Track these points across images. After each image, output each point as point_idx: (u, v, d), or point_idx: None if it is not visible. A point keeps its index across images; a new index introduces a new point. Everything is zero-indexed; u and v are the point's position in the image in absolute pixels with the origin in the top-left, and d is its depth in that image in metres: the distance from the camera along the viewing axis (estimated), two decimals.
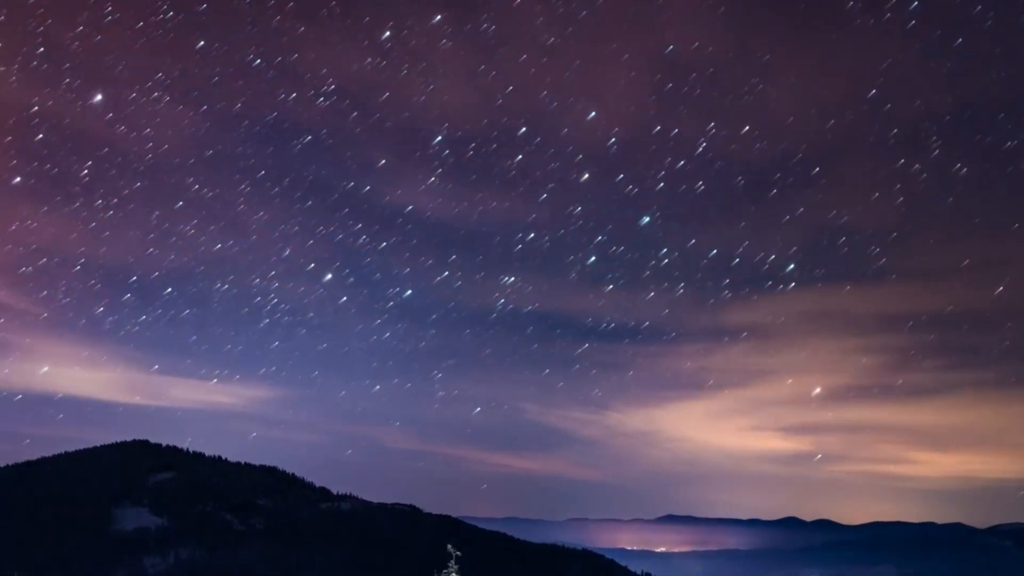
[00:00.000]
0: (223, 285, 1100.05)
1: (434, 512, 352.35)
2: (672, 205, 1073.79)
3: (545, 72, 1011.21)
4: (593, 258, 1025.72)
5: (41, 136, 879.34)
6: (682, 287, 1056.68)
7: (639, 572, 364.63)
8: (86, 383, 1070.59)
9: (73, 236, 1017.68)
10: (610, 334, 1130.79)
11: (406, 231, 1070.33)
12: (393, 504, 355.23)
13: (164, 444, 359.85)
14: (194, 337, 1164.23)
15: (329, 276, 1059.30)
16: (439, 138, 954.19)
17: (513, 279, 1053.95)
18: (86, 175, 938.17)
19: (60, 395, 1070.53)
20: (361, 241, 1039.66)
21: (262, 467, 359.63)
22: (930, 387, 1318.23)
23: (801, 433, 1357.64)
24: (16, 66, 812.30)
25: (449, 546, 63.49)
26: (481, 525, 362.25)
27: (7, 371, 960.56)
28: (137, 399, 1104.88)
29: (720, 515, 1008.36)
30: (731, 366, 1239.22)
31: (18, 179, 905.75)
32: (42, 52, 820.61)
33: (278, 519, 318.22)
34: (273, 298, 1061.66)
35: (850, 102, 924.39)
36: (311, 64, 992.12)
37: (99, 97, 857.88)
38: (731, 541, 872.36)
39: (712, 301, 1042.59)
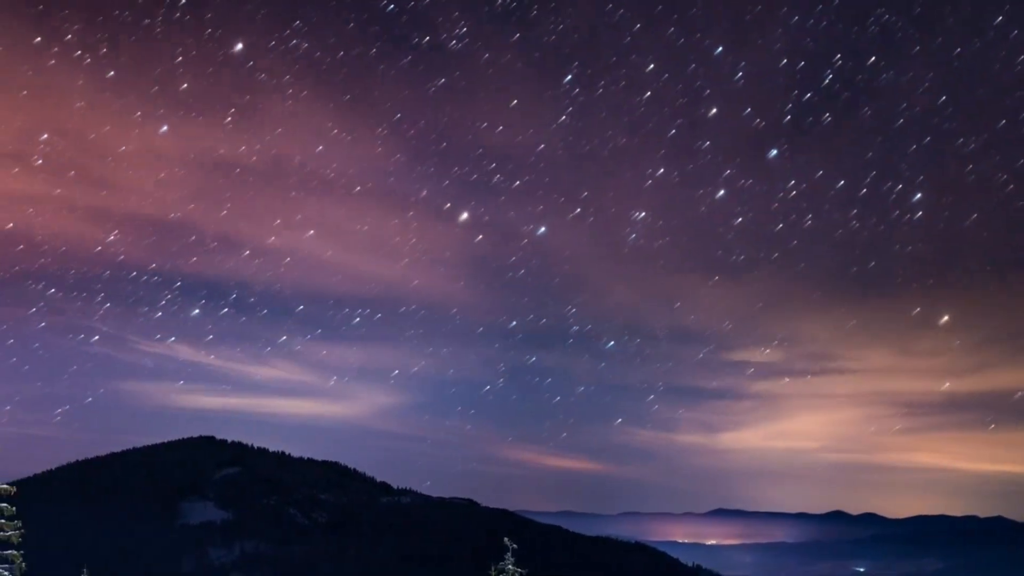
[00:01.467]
0: (363, 226, 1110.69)
1: (490, 506, 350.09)
2: (799, 137, 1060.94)
3: (672, 8, 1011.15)
4: (722, 192, 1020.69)
5: (186, 85, 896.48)
6: (810, 219, 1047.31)
7: (690, 564, 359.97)
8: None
9: (219, 182, 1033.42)
10: (740, 267, 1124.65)
11: (539, 169, 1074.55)
12: (451, 498, 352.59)
13: (230, 440, 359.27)
14: (337, 276, 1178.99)
15: (465, 215, 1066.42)
16: (569, 77, 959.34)
17: (643, 214, 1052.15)
18: (229, 122, 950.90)
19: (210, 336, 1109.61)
20: (495, 180, 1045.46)
21: (325, 462, 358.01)
22: None
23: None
24: (160, 18, 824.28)
25: (505, 539, 59.12)
26: (536, 519, 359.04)
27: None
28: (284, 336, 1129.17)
29: (769, 509, 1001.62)
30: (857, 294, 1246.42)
31: (165, 128, 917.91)
32: (184, 3, 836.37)
33: (340, 513, 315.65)
34: (412, 238, 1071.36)
35: (976, 29, 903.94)
36: (443, 8, 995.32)
37: (240, 46, 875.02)
38: (780, 534, 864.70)
39: (840, 232, 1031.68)
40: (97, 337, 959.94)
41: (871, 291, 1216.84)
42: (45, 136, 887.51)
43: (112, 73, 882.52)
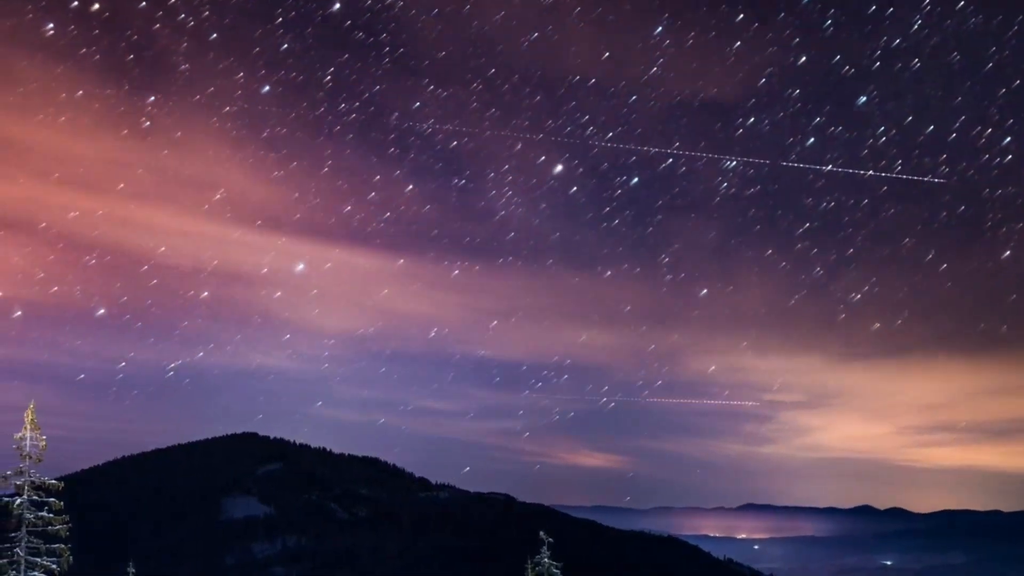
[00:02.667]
0: (460, 180, 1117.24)
1: (527, 500, 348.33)
2: (888, 84, 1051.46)
3: None
4: (812, 139, 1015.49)
5: (286, 46, 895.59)
6: (899, 164, 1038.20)
7: (721, 557, 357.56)
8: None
9: (319, 140, 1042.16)
10: (830, 213, 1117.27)
11: (631, 121, 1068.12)
12: (489, 493, 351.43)
13: (272, 436, 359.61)
14: (436, 231, 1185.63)
15: (559, 168, 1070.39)
16: (659, 29, 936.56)
17: (735, 163, 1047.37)
18: (329, 81, 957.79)
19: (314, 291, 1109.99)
20: (588, 132, 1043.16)
21: (365, 458, 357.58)
22: None
23: None
24: None
25: (541, 533, 58.01)
26: (571, 513, 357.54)
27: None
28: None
29: (798, 504, 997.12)
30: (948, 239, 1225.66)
31: (267, 88, 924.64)
32: None
33: (380, 508, 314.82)
34: (507, 191, 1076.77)
35: None
36: None
37: (337, 6, 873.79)
38: (809, 528, 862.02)
39: (929, 177, 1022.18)
40: (206, 294, 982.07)
41: (962, 239, 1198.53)
42: (152, 99, 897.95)
43: (215, 36, 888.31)
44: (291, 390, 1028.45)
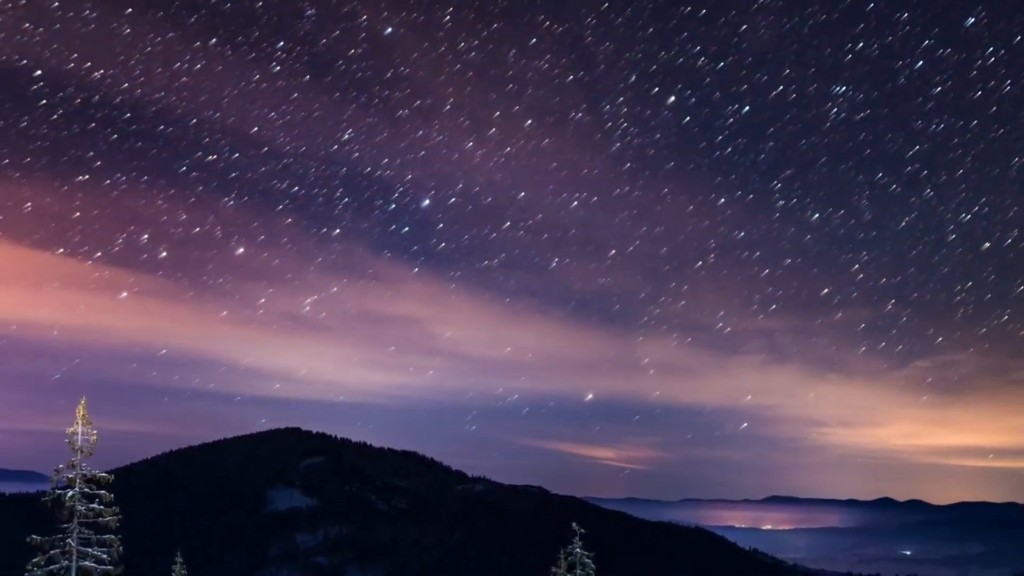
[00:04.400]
0: (577, 114, 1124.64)
1: (560, 493, 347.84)
2: (996, 4, 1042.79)
3: None
4: (920, 62, 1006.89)
5: None
6: (1008, 85, 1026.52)
7: (747, 548, 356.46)
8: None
9: (441, 79, 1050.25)
10: (940, 134, 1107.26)
11: (741, 50, 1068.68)
12: (523, 486, 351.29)
13: (315, 431, 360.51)
14: (554, 164, 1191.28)
15: (672, 98, 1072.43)
16: None
17: (844, 88, 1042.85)
18: (448, 20, 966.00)
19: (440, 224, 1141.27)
20: (700, 63, 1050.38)
21: (403, 452, 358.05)
22: None
23: None
24: None
25: (574, 524, 57.53)
26: (603, 505, 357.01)
27: None
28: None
29: (821, 496, 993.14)
30: None
31: (389, 29, 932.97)
32: None
33: (418, 499, 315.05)
34: (623, 123, 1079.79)
35: None
36: None
37: None
38: (831, 519, 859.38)
39: None
40: (338, 231, 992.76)
41: None
42: (280, 43, 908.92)
43: None
44: None
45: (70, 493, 42.70)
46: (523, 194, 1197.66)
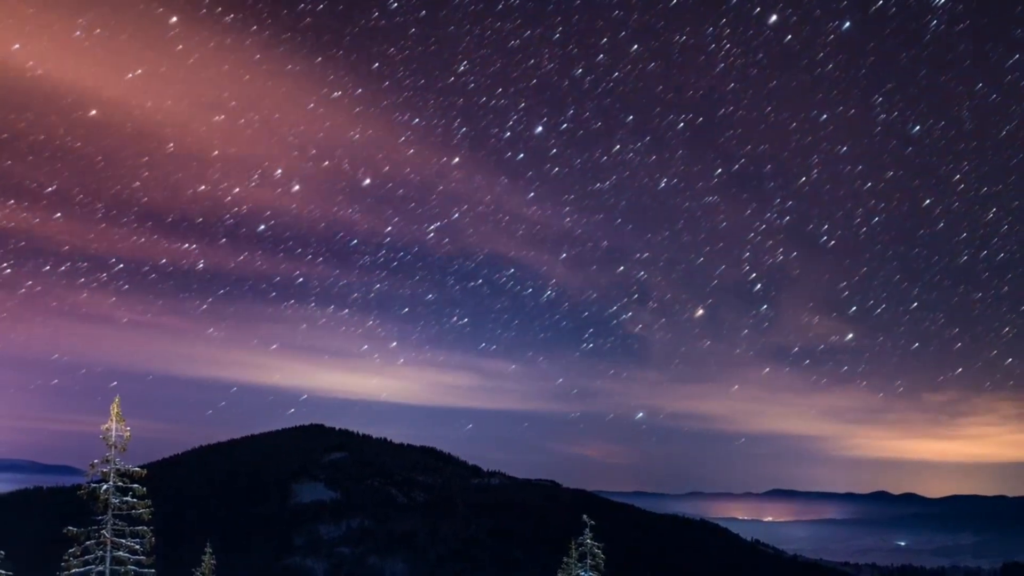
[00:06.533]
0: (681, 37, 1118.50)
1: (571, 487, 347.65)
2: None
3: None
4: None
5: None
6: None
7: (749, 539, 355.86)
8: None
9: (550, 7, 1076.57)
10: None
11: None
12: (536, 480, 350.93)
13: (337, 427, 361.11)
14: (660, 87, 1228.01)
15: (774, 17, 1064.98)
16: None
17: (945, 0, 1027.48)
18: None
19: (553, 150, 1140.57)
20: None
21: (422, 448, 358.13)
22: None
23: None
24: None
25: (584, 516, 57.66)
26: (612, 498, 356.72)
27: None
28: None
29: (820, 489, 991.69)
30: None
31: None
32: None
33: (436, 493, 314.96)
34: (726, 44, 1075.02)
35: None
36: None
37: None
38: (830, 512, 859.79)
39: None
40: (457, 159, 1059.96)
41: None
42: None
43: None
44: None
45: (104, 487, 42.83)
46: (631, 117, 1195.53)
